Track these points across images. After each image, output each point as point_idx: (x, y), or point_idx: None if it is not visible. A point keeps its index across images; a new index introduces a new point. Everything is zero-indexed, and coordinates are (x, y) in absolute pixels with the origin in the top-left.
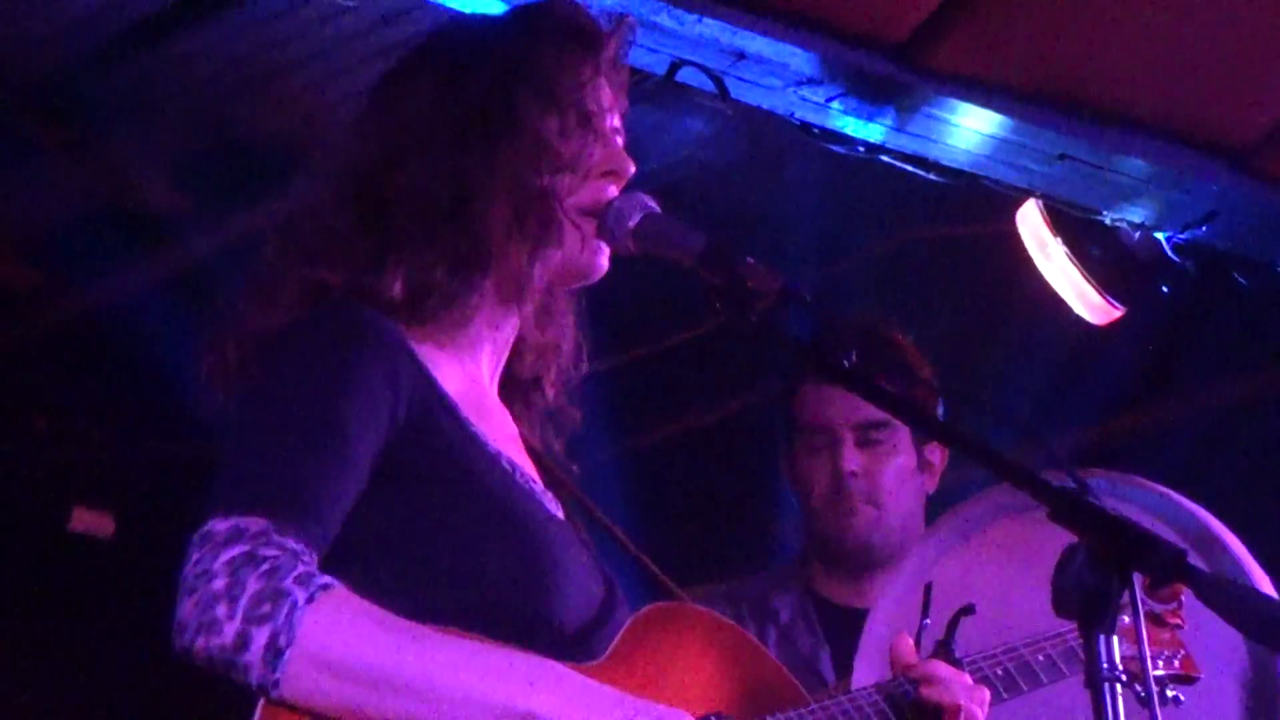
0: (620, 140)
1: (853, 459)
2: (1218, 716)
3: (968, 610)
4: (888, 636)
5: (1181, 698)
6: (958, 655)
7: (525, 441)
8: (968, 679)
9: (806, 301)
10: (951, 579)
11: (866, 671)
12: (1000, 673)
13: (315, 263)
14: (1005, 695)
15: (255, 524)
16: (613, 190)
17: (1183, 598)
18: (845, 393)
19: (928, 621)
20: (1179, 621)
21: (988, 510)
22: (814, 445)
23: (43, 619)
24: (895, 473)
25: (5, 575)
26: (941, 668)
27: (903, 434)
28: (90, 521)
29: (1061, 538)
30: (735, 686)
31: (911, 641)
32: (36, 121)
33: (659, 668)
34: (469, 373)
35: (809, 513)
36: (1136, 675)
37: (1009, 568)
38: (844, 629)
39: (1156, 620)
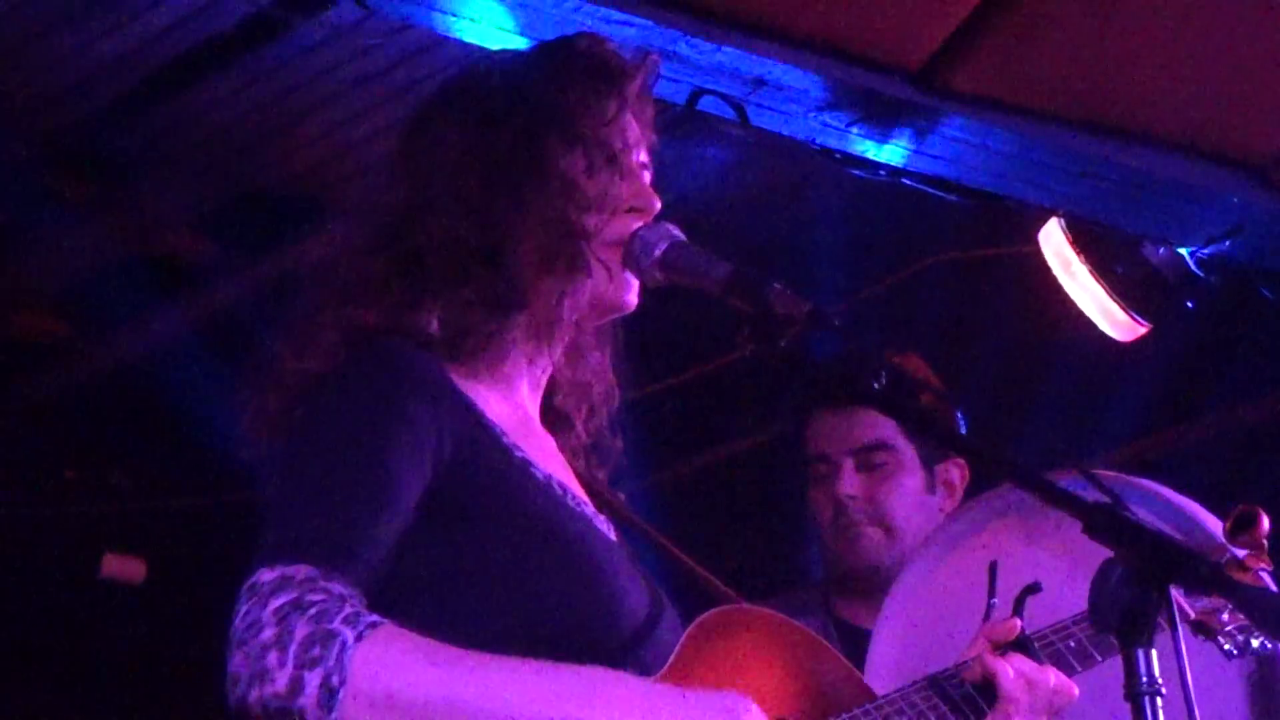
0: (648, 175)
1: (850, 483)
2: (1224, 710)
3: (1034, 589)
4: (894, 654)
5: (1269, 645)
6: (1026, 632)
7: (573, 467)
8: (1030, 673)
9: (835, 326)
10: (955, 583)
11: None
12: (1073, 645)
13: (352, 304)
14: (1079, 668)
15: (301, 571)
16: (638, 226)
17: (1264, 541)
18: (844, 419)
19: (995, 601)
20: (1265, 564)
21: (980, 516)
22: (818, 474)
23: (74, 664)
24: (901, 493)
25: (37, 621)
26: (998, 664)
27: (906, 454)
28: (121, 567)
29: (1061, 533)
30: (802, 687)
31: (1014, 627)
32: (61, 175)
33: (723, 675)
34: (512, 402)
35: (821, 541)
36: (1210, 629)
37: (1016, 565)
38: (866, 651)
39: (1238, 566)
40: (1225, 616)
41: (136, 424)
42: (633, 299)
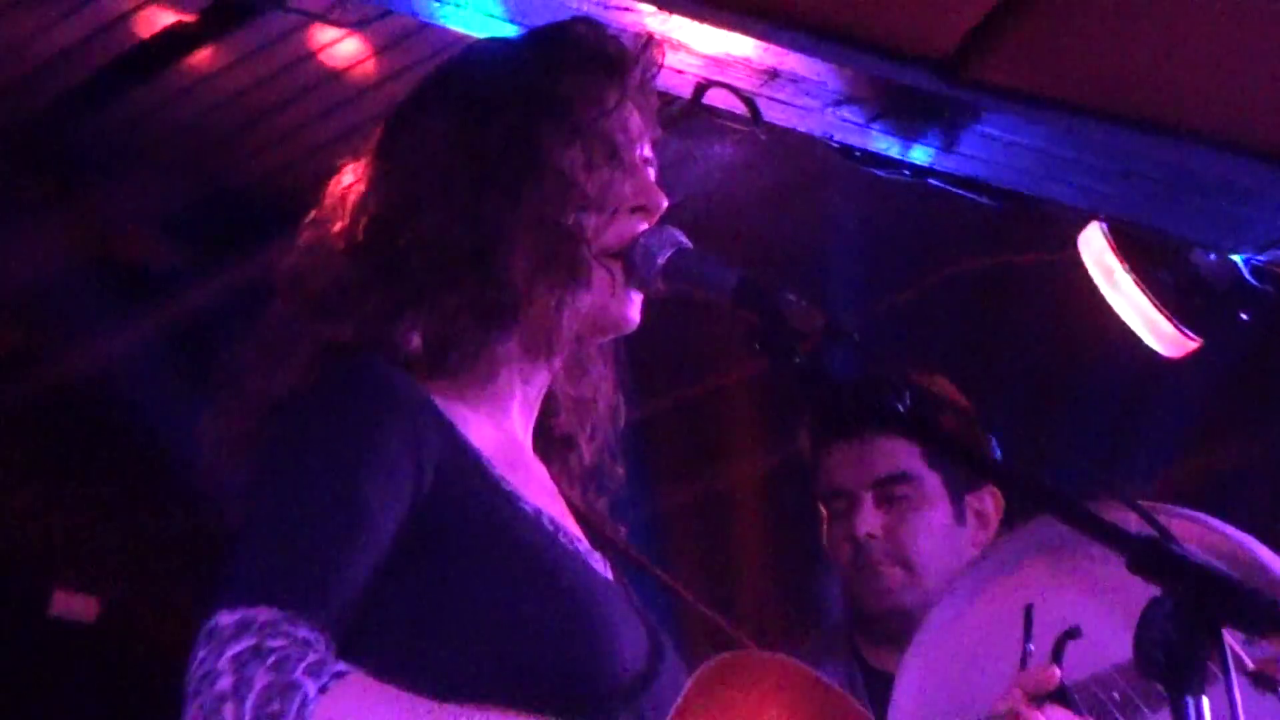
0: (652, 171)
1: (869, 521)
2: None
3: (1073, 634)
4: (918, 703)
5: None
6: (1065, 682)
7: (566, 499)
8: None
9: (854, 341)
10: (984, 626)
11: None
12: (1117, 697)
13: (327, 318)
14: None
15: (264, 614)
16: (643, 227)
17: None
18: (861, 450)
19: (1031, 648)
20: None
21: (1012, 554)
22: (835, 511)
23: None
24: (926, 528)
25: None
26: (1034, 716)
27: (930, 484)
28: (72, 605)
29: (1101, 571)
30: None
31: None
32: (13, 173)
33: None
34: (501, 427)
35: (842, 580)
36: (1271, 681)
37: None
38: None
39: None
40: None
41: (95, 442)
42: (635, 316)
